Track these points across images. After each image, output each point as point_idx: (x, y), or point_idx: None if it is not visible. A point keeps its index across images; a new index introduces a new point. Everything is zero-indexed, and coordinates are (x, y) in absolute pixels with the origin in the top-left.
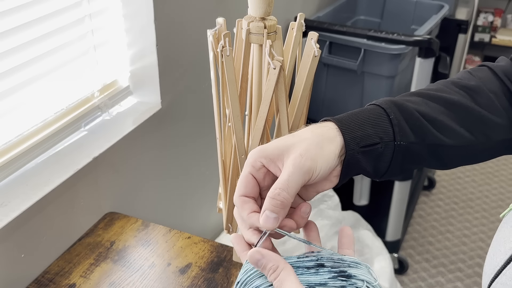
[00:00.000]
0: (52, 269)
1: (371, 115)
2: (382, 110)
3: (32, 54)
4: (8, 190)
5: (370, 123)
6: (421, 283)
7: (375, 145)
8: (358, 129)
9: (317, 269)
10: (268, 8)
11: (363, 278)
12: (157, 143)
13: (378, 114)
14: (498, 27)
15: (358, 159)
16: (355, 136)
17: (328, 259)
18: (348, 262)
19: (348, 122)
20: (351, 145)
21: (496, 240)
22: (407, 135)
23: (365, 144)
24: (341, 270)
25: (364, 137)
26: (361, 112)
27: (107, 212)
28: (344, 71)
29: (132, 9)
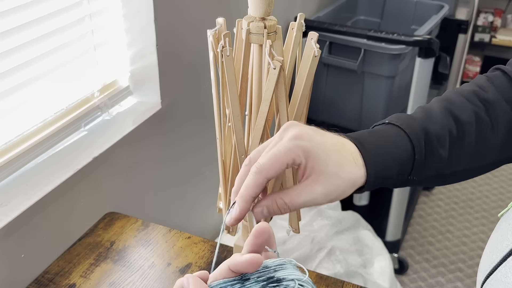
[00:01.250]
0: (52, 269)
1: (400, 153)
2: (411, 146)
3: (32, 54)
4: (8, 190)
5: (396, 161)
6: (421, 283)
7: (389, 182)
8: (382, 170)
9: (243, 283)
10: (268, 8)
11: (292, 277)
12: (157, 143)
13: (406, 154)
14: (498, 27)
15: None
16: (378, 178)
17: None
18: (273, 266)
19: (376, 158)
20: (372, 186)
21: (493, 238)
22: (422, 173)
23: (382, 181)
24: (268, 277)
25: (386, 177)
26: (391, 146)
27: (107, 212)
28: (344, 71)
29: (132, 9)
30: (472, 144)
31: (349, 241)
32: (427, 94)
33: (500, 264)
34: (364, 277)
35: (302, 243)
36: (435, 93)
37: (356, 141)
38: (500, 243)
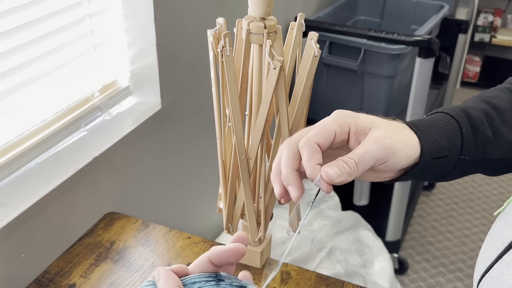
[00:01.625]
0: (52, 269)
1: (446, 127)
2: (456, 123)
3: (32, 54)
4: (8, 190)
5: (445, 135)
6: (421, 283)
7: (444, 157)
8: (434, 141)
9: (217, 283)
10: (268, 8)
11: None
12: (157, 143)
13: (452, 127)
14: (498, 27)
15: (427, 168)
16: (431, 148)
17: (228, 276)
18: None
19: (426, 131)
20: (426, 155)
21: (489, 236)
22: (472, 150)
23: (437, 156)
24: (241, 285)
25: (438, 150)
26: (436, 121)
27: (107, 212)
28: (344, 71)
29: (132, 9)
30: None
31: (349, 241)
32: (427, 94)
33: (496, 262)
34: (364, 277)
35: (302, 243)
36: (435, 93)
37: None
38: (496, 241)
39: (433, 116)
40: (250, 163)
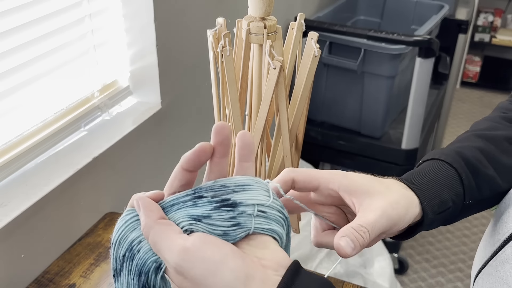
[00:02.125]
0: (52, 269)
1: (445, 179)
2: (454, 170)
3: (32, 54)
4: (8, 190)
5: (444, 187)
6: (421, 283)
7: (448, 209)
8: (435, 197)
9: (195, 201)
10: (268, 8)
11: (252, 202)
12: (157, 143)
13: (451, 177)
14: (498, 27)
15: (431, 224)
16: (433, 205)
17: (208, 189)
18: (232, 187)
19: (424, 188)
20: (429, 215)
21: (486, 233)
22: (475, 193)
23: (440, 211)
24: (224, 198)
25: (440, 204)
26: (433, 173)
27: (107, 212)
28: (344, 71)
29: (132, 9)
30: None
31: None
32: (427, 94)
33: (491, 259)
34: (364, 277)
35: (302, 243)
36: (435, 93)
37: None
38: (492, 238)
39: (428, 166)
40: None
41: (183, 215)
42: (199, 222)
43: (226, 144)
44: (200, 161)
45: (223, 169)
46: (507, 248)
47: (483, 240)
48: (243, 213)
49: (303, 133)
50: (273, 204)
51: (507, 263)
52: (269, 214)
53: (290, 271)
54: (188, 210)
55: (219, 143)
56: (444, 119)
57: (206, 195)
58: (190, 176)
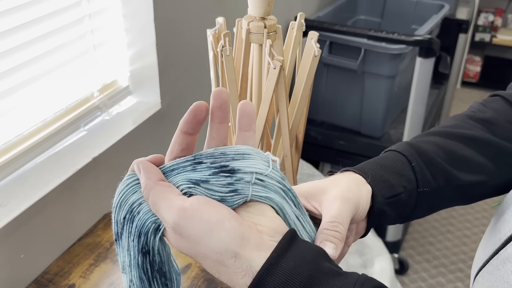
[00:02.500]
0: (51, 269)
1: (393, 164)
2: (404, 157)
3: (31, 54)
4: (8, 190)
5: (393, 172)
6: (421, 284)
7: (399, 194)
8: (382, 181)
9: (194, 166)
10: (268, 7)
11: (250, 170)
12: (157, 143)
13: (400, 162)
14: (498, 27)
15: (384, 210)
16: (381, 188)
17: (208, 155)
18: (232, 155)
19: (373, 173)
20: (378, 197)
21: (487, 232)
22: (430, 181)
23: (390, 195)
24: (222, 165)
25: (390, 188)
26: (383, 160)
27: (106, 212)
28: (344, 71)
29: (132, 9)
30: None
31: None
32: (428, 94)
33: (492, 257)
34: None
35: None
36: (436, 93)
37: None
38: (493, 236)
39: (379, 156)
40: None
41: (182, 179)
42: (198, 186)
43: (225, 109)
44: (198, 120)
45: (223, 135)
46: (509, 247)
47: (483, 238)
48: (241, 180)
49: (303, 133)
50: (272, 173)
51: (508, 262)
52: (267, 183)
53: (286, 237)
54: (188, 174)
55: (218, 108)
56: (444, 119)
57: (206, 161)
58: (190, 140)
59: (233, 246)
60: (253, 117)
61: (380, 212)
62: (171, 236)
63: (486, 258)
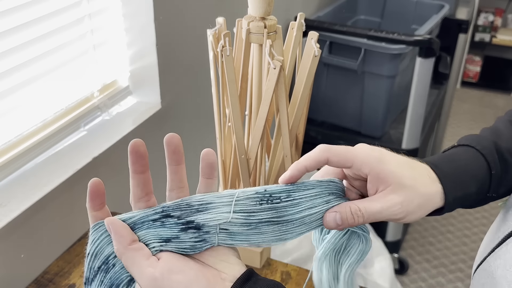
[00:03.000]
0: (51, 269)
1: (475, 169)
2: (487, 164)
3: (31, 54)
4: (8, 190)
5: (474, 179)
6: (421, 284)
7: (469, 197)
8: (461, 188)
9: (163, 221)
10: (268, 7)
11: (214, 224)
12: (157, 143)
13: (482, 168)
14: (498, 27)
15: (450, 210)
16: (457, 197)
17: (175, 208)
18: (196, 206)
19: (453, 178)
20: (451, 203)
21: (489, 230)
22: (500, 189)
23: (465, 201)
24: (189, 220)
25: (466, 196)
26: (466, 165)
27: None
28: (344, 71)
29: (132, 8)
30: None
31: None
32: (427, 94)
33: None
34: (364, 277)
35: (302, 243)
36: (435, 93)
37: (429, 163)
38: (493, 235)
39: (463, 155)
40: (250, 163)
41: (153, 237)
42: (169, 242)
43: (179, 152)
44: (141, 157)
45: (182, 175)
46: (504, 246)
47: (485, 236)
48: (208, 233)
49: (303, 133)
50: (235, 219)
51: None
52: (231, 230)
53: (240, 279)
54: (158, 231)
55: (172, 152)
56: (444, 119)
57: (173, 215)
58: (144, 177)
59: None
60: (214, 166)
61: (447, 211)
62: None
63: (484, 256)
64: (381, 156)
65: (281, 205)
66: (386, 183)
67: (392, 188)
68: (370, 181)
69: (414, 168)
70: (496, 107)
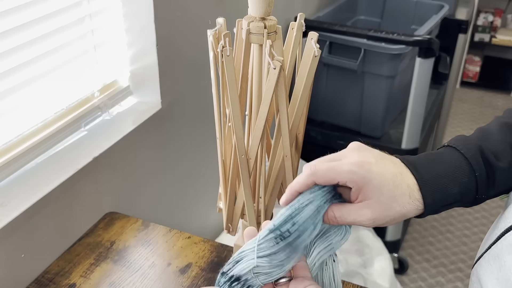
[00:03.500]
0: (52, 269)
1: (457, 173)
2: (469, 166)
3: (32, 54)
4: (8, 190)
5: (455, 182)
6: (421, 283)
7: (454, 203)
8: (441, 192)
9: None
10: (268, 8)
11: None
12: (157, 143)
13: (466, 173)
14: (498, 27)
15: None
16: (436, 199)
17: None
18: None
19: (433, 181)
20: (431, 207)
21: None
22: (488, 190)
23: (446, 204)
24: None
25: (447, 198)
26: (446, 166)
27: (107, 212)
28: (344, 71)
29: (132, 9)
30: None
31: (349, 241)
32: (427, 94)
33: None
34: (364, 277)
35: None
36: (435, 93)
37: (413, 167)
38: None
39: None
40: (250, 163)
41: None
42: None
43: None
44: None
45: None
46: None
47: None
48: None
49: (303, 133)
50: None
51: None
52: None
53: None
54: None
55: None
56: (444, 119)
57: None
58: None
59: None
60: None
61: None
62: None
63: (482, 252)
64: (366, 173)
65: (292, 238)
66: (366, 196)
67: (369, 203)
68: (353, 192)
69: (398, 185)
70: (495, 107)
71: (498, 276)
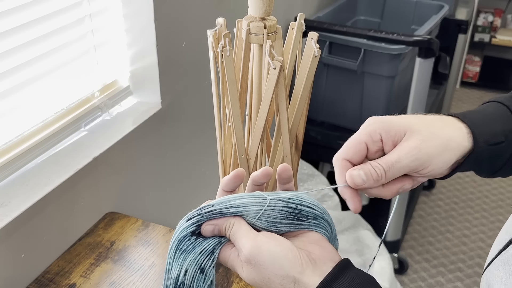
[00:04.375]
0: (52, 269)
1: (496, 112)
2: (506, 107)
3: (32, 54)
4: (8, 190)
5: (496, 120)
6: (421, 283)
7: (500, 143)
8: (486, 127)
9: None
10: (268, 8)
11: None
12: (157, 143)
13: (503, 111)
14: (498, 27)
15: (482, 157)
16: (483, 132)
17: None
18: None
19: (476, 119)
20: (480, 143)
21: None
22: None
23: (493, 142)
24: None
25: (492, 135)
26: (485, 109)
27: (107, 212)
28: (344, 71)
29: (132, 9)
30: None
31: (349, 241)
32: (427, 94)
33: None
34: None
35: None
36: (435, 93)
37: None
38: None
39: (480, 107)
40: (250, 163)
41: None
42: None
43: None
44: (236, 184)
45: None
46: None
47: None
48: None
49: (303, 133)
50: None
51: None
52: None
53: (339, 265)
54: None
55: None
56: None
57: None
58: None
59: (293, 273)
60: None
61: (480, 158)
62: (243, 267)
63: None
64: (385, 118)
65: (305, 223)
66: (398, 135)
67: (406, 137)
68: (385, 144)
69: (423, 117)
70: None
71: (506, 282)
